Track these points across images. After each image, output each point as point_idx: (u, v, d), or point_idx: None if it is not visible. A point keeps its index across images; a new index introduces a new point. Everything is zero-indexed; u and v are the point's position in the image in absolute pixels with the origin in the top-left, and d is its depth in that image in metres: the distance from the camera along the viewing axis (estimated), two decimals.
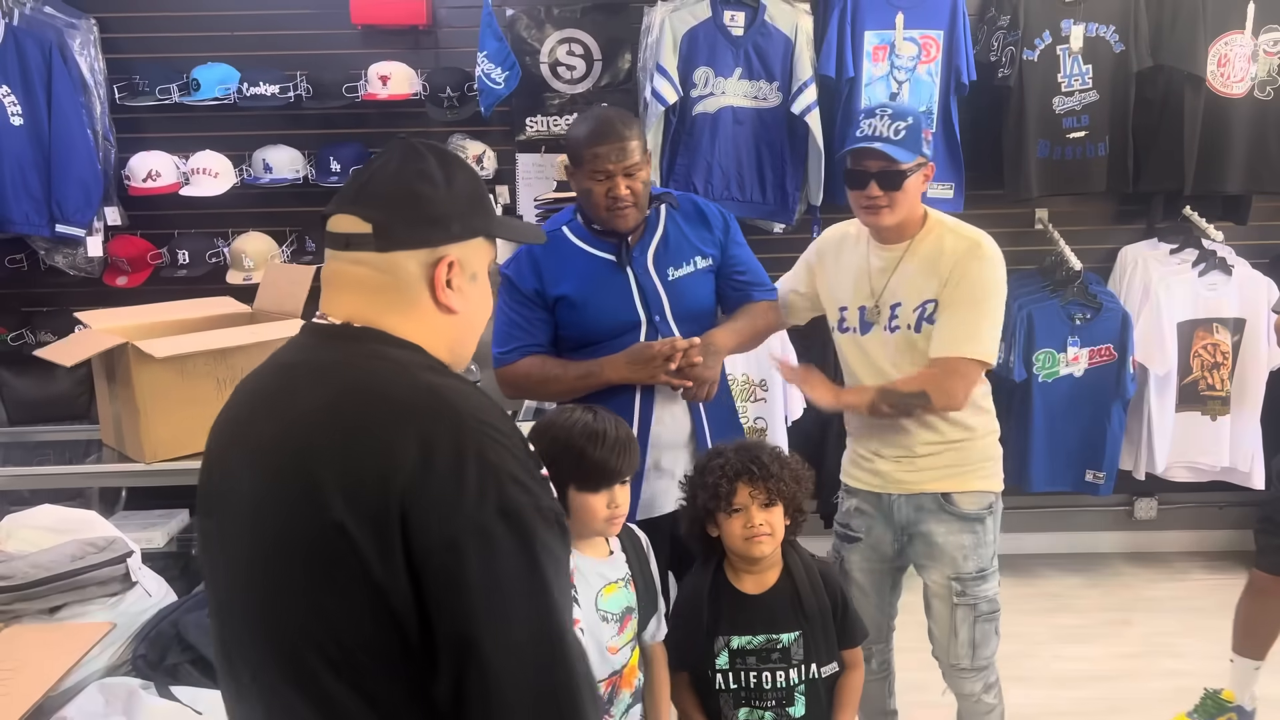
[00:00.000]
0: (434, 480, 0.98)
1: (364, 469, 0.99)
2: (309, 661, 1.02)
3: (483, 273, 1.18)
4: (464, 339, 1.18)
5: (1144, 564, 4.06)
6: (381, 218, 1.10)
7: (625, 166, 2.06)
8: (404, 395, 1.04)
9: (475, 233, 1.15)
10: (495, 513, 0.99)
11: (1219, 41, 3.57)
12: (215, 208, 3.69)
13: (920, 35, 3.53)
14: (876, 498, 2.28)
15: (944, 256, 2.14)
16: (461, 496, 0.98)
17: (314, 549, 1.00)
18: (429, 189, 1.12)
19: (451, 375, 1.11)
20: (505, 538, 0.99)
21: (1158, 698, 3.04)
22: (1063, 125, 3.60)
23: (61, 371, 3.05)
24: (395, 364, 1.08)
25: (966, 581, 2.23)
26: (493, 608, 0.98)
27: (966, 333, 2.11)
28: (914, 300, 2.16)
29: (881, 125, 2.09)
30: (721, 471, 1.88)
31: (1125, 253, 3.85)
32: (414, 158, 1.14)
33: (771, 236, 3.76)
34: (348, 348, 1.10)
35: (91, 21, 3.63)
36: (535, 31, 3.72)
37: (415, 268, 1.11)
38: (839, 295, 2.29)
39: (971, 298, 2.11)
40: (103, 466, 2.63)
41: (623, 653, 1.78)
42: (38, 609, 1.71)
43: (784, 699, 1.89)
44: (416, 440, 0.99)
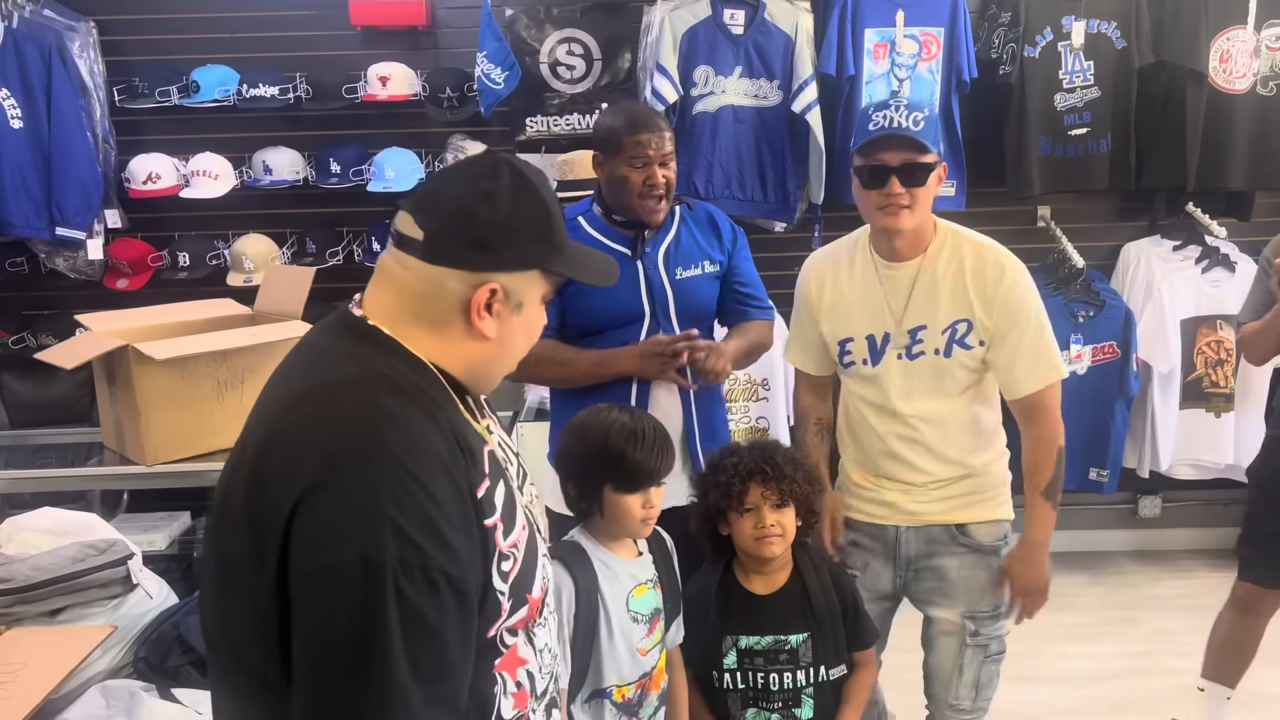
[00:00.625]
0: (319, 506, 0.95)
1: (271, 472, 0.99)
2: (222, 655, 1.04)
3: (532, 304, 1.14)
4: (491, 365, 1.14)
5: (1148, 562, 4.05)
6: (434, 229, 1.08)
7: (663, 155, 2.11)
8: (341, 411, 1.01)
9: (529, 265, 1.11)
10: (356, 559, 0.93)
11: (1221, 37, 3.56)
12: (215, 210, 3.68)
13: (921, 33, 3.53)
14: (880, 529, 2.13)
15: (972, 271, 1.98)
16: (334, 531, 0.94)
17: (224, 539, 1.02)
18: (487, 211, 1.07)
19: (422, 406, 1.04)
20: (354, 588, 0.93)
21: (1163, 696, 3.04)
22: (1064, 122, 3.59)
23: (62, 374, 3.05)
24: (363, 377, 1.04)
25: (981, 620, 2.10)
26: (314, 657, 0.94)
27: (1046, 359, 2.00)
28: (941, 321, 2.00)
29: (899, 117, 1.91)
30: (734, 470, 1.86)
31: (1128, 250, 3.84)
32: (487, 175, 1.09)
33: (773, 235, 3.76)
34: (347, 344, 1.09)
35: (91, 24, 3.63)
36: (535, 31, 3.71)
37: (456, 286, 1.08)
38: (843, 327, 2.10)
39: (1034, 319, 1.98)
40: (104, 469, 2.62)
41: (652, 654, 1.78)
42: (38, 612, 1.71)
43: (791, 700, 1.88)
44: (324, 460, 0.97)
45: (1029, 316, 1.98)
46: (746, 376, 3.62)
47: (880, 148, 1.92)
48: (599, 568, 1.74)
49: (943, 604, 2.11)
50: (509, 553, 1.09)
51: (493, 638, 1.09)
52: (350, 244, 3.74)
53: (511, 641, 1.12)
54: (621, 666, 1.73)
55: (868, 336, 2.06)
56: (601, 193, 2.23)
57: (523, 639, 1.14)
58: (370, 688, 0.93)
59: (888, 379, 2.05)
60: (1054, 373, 2.01)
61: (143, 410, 2.40)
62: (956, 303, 1.99)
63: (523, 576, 1.11)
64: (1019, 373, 2.00)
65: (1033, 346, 1.98)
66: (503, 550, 1.08)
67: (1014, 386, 2.02)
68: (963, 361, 2.01)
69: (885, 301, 2.04)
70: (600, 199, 2.24)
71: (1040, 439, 2.03)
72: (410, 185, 3.60)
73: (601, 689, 1.73)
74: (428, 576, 0.96)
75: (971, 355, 2.01)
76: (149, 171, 3.61)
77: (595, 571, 1.72)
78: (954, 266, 2.00)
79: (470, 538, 1.02)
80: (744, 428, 3.63)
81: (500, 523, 1.07)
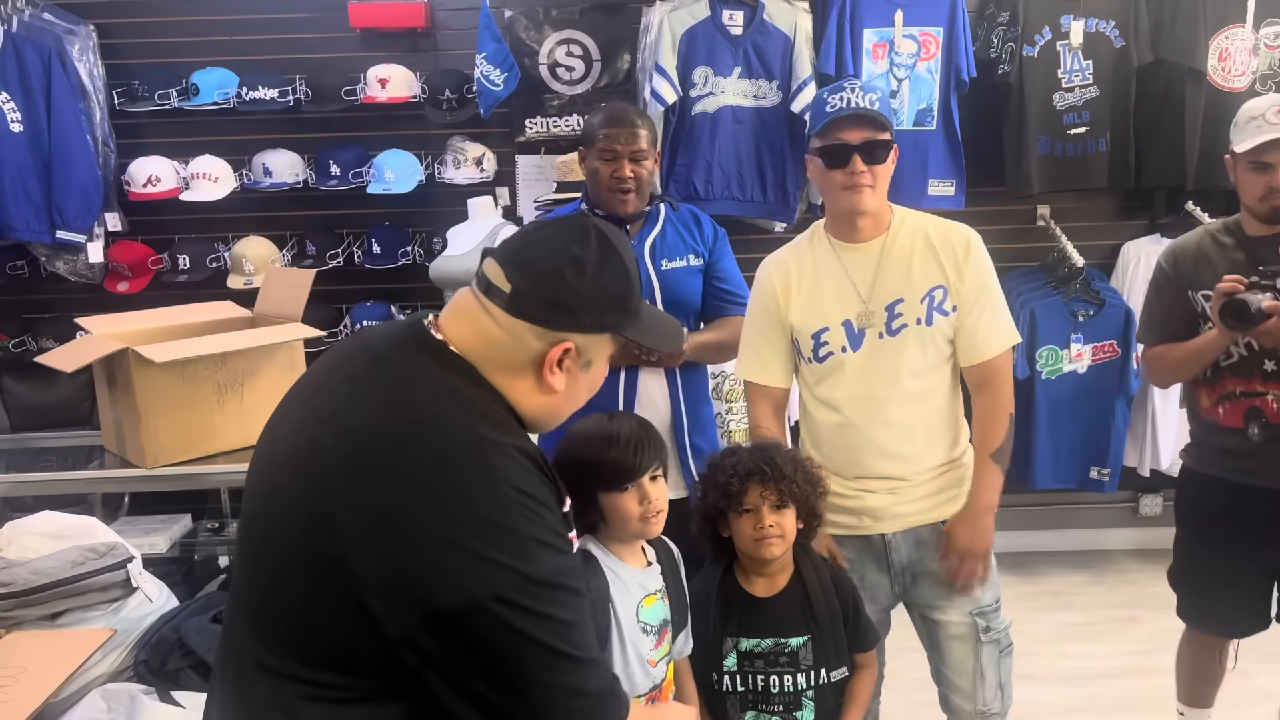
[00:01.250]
0: (460, 535, 1.02)
1: (360, 489, 1.04)
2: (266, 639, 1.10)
3: (600, 361, 1.21)
4: (552, 415, 1.21)
5: (1150, 560, 4.04)
6: (523, 286, 1.13)
7: (632, 151, 2.19)
8: (451, 442, 1.07)
9: (604, 329, 1.18)
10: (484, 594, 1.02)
11: (1219, 35, 3.55)
12: (215, 212, 3.69)
13: (920, 32, 3.53)
14: (866, 542, 2.08)
15: (940, 241, 2.02)
16: (480, 562, 1.02)
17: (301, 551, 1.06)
18: (574, 277, 1.13)
19: (513, 435, 1.11)
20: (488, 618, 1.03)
21: (1165, 695, 3.02)
22: (1063, 121, 3.59)
23: (63, 378, 3.05)
24: (462, 406, 1.10)
25: (989, 614, 2.08)
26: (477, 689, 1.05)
27: (1006, 323, 2.05)
28: (918, 291, 2.00)
29: (855, 97, 1.93)
30: (733, 470, 1.85)
31: (1128, 249, 3.84)
32: (578, 241, 1.15)
33: (773, 235, 3.76)
34: (434, 370, 1.13)
35: (90, 27, 3.63)
36: (534, 33, 3.71)
37: (535, 342, 1.14)
38: (815, 318, 2.05)
39: (995, 285, 2.04)
40: (104, 472, 2.62)
41: (660, 666, 1.76)
42: (38, 615, 1.71)
43: (792, 704, 1.87)
44: (447, 490, 1.03)
45: (992, 282, 2.04)
46: None
47: (839, 128, 1.93)
48: (609, 576, 1.73)
49: (948, 607, 2.08)
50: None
51: None
52: (350, 246, 3.74)
53: None
54: (632, 677, 1.71)
55: (844, 322, 2.02)
56: (587, 192, 2.33)
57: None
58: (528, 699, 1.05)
59: (870, 363, 2.01)
60: (1012, 336, 2.06)
61: (143, 413, 2.41)
62: (929, 270, 2.00)
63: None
64: (982, 336, 2.02)
65: (995, 311, 2.03)
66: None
67: (976, 351, 2.03)
68: (942, 329, 2.01)
69: (851, 283, 2.03)
70: (586, 196, 2.34)
71: (994, 404, 2.05)
72: (410, 187, 3.60)
73: None
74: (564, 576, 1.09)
75: (949, 322, 2.01)
76: (149, 174, 3.61)
77: (606, 579, 1.72)
78: (919, 238, 2.03)
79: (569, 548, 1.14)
80: (744, 428, 3.63)
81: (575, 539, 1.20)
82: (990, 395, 2.06)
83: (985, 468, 2.05)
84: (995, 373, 2.05)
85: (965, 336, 2.02)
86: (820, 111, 1.97)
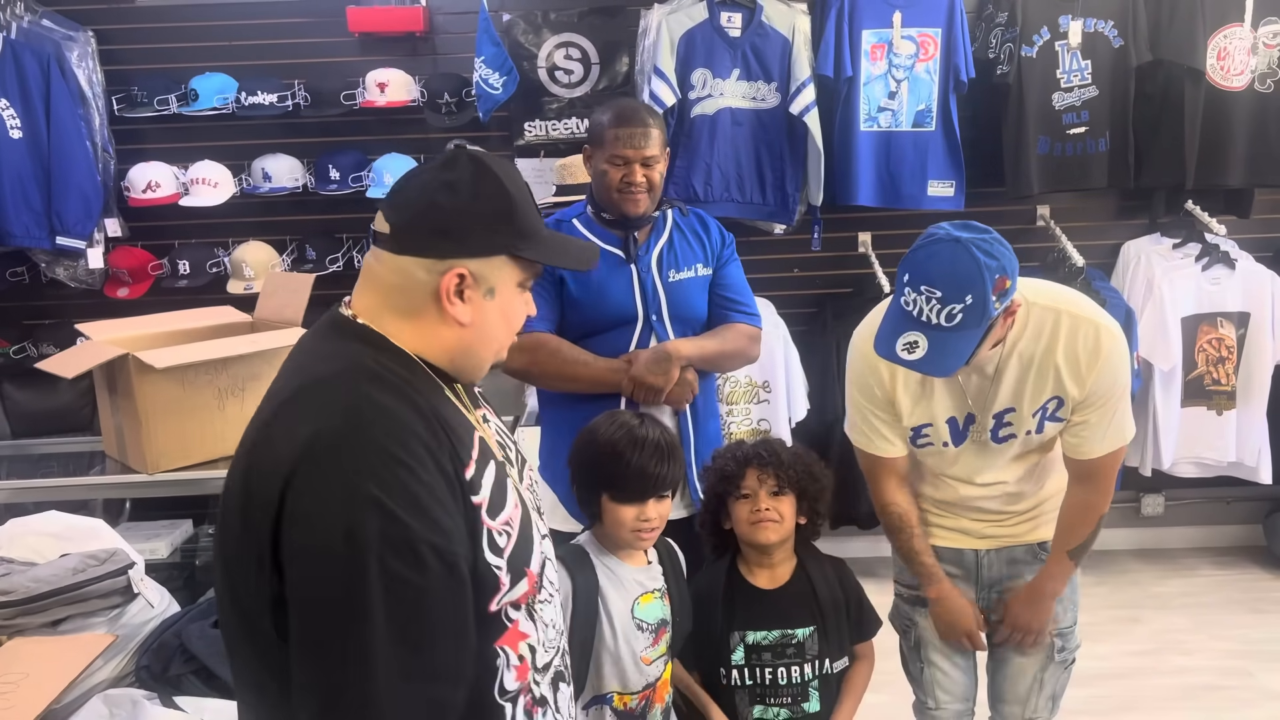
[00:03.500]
0: (304, 490, 1.01)
1: (260, 466, 1.05)
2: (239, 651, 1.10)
3: (506, 290, 1.17)
4: (470, 351, 1.18)
5: (1152, 560, 4.04)
6: (400, 221, 1.13)
7: (644, 155, 2.10)
8: (323, 402, 1.07)
9: (494, 250, 1.14)
10: (341, 536, 0.99)
11: (1218, 34, 3.55)
12: (215, 218, 3.69)
13: (918, 33, 3.53)
14: (958, 554, 2.06)
15: (1065, 349, 1.80)
16: (319, 511, 1.00)
17: (225, 539, 1.09)
18: (448, 200, 1.13)
19: (403, 394, 1.09)
20: (340, 563, 0.99)
21: (1168, 695, 3.03)
22: (1063, 121, 3.59)
23: (63, 384, 3.05)
24: (348, 370, 1.10)
25: (1066, 635, 2.06)
26: (305, 629, 1.01)
27: (1121, 425, 1.88)
28: (1031, 404, 1.85)
29: (929, 310, 1.63)
30: (732, 456, 1.90)
31: (1128, 248, 3.84)
32: (449, 167, 1.14)
33: (772, 238, 3.76)
34: (334, 342, 1.15)
35: (89, 33, 3.64)
36: (532, 36, 3.72)
37: (424, 275, 1.12)
38: (919, 414, 1.92)
39: (1118, 391, 1.84)
40: (105, 478, 2.62)
41: (656, 665, 1.77)
42: (40, 623, 1.71)
43: (799, 695, 1.89)
44: (307, 447, 1.02)
45: (1117, 390, 1.84)
46: (748, 379, 3.62)
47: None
48: (604, 572, 1.73)
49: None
50: (502, 530, 1.13)
51: (496, 613, 1.13)
52: (350, 250, 3.74)
53: (515, 616, 1.17)
54: (624, 673, 1.72)
55: (948, 420, 1.91)
56: (591, 192, 2.24)
57: (524, 614, 1.18)
58: (354, 658, 0.99)
59: (969, 458, 1.95)
60: (1125, 437, 1.90)
61: (144, 419, 2.41)
62: (1045, 383, 1.83)
63: (519, 552, 1.16)
64: (1091, 438, 1.87)
65: (1111, 417, 1.86)
66: (492, 527, 1.12)
67: (1082, 449, 1.89)
68: (1054, 430, 1.91)
69: (964, 394, 1.88)
70: (590, 198, 2.25)
71: (1088, 501, 1.93)
72: None
73: (602, 694, 1.73)
74: (413, 549, 1.01)
75: (1061, 425, 1.90)
76: (148, 180, 3.61)
77: (597, 575, 1.72)
78: (1043, 344, 1.81)
79: (457, 513, 1.07)
80: (745, 430, 3.63)
81: (488, 501, 1.12)
82: (1086, 491, 1.93)
83: (1060, 559, 1.97)
84: (1097, 471, 1.91)
85: (1072, 434, 1.89)
86: (891, 317, 1.71)
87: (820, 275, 3.93)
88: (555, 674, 1.26)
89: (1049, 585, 1.99)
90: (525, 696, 1.19)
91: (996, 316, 1.67)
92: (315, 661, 1.01)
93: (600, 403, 2.08)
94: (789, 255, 3.86)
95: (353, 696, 1.00)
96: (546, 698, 1.23)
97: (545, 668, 1.22)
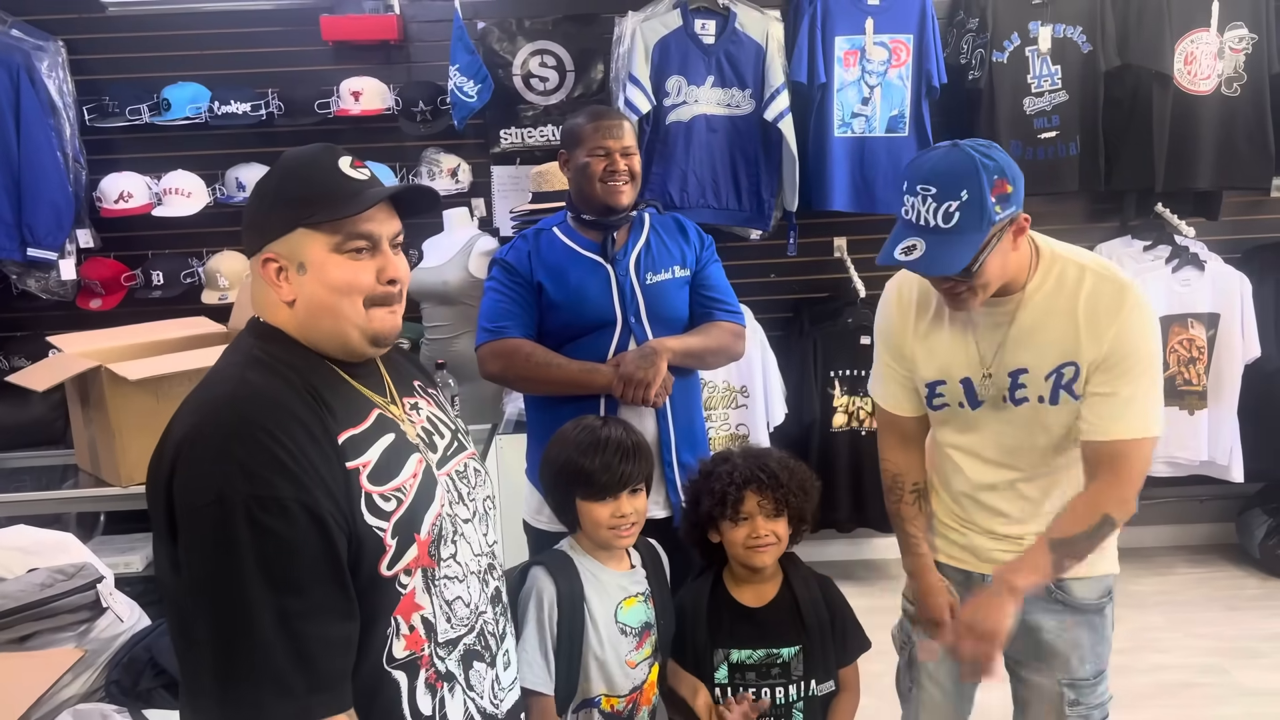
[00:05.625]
0: (183, 465, 1.13)
1: (156, 455, 1.18)
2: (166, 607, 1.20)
3: (316, 261, 1.24)
4: (310, 325, 1.26)
5: (1127, 560, 3.99)
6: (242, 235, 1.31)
7: (623, 145, 2.17)
8: (209, 386, 1.23)
9: (287, 227, 1.24)
10: (213, 498, 1.10)
11: (1185, 39, 3.60)
12: (189, 228, 3.67)
13: (890, 40, 3.56)
14: (965, 575, 1.91)
15: (1085, 306, 1.69)
16: (195, 480, 1.12)
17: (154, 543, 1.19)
18: (252, 201, 1.29)
19: (280, 374, 1.21)
20: (213, 521, 1.10)
21: (1143, 693, 3.05)
22: (1034, 126, 3.63)
23: (35, 397, 3.01)
24: (235, 359, 1.25)
25: (1081, 688, 1.85)
26: (189, 584, 1.12)
27: (1146, 408, 1.68)
28: (1046, 364, 1.72)
29: (925, 210, 1.59)
30: (729, 479, 1.83)
31: (1099, 251, 3.87)
32: (259, 180, 1.30)
33: (748, 243, 3.78)
34: (236, 340, 1.30)
35: (59, 43, 3.61)
36: (507, 44, 3.72)
37: (256, 270, 1.27)
38: (937, 368, 1.83)
39: (1143, 363, 1.67)
40: (78, 491, 2.60)
41: (641, 668, 1.77)
42: (6, 639, 1.69)
43: (783, 716, 1.85)
44: (188, 429, 1.15)
45: (1142, 360, 1.68)
46: (725, 384, 3.63)
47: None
48: (586, 577, 1.73)
49: (1038, 667, 1.89)
50: (389, 495, 1.23)
51: (390, 578, 1.21)
52: None
53: (409, 585, 1.23)
54: (611, 677, 1.72)
55: (962, 380, 1.80)
56: (570, 197, 2.25)
57: (420, 585, 1.25)
58: (237, 603, 1.10)
59: (984, 424, 1.81)
60: (1151, 426, 1.68)
61: (117, 431, 2.39)
62: (1062, 341, 1.71)
63: (408, 518, 1.24)
64: (1109, 413, 1.68)
65: (1138, 387, 1.67)
66: (372, 492, 1.21)
67: (1100, 427, 1.69)
68: (1073, 409, 1.73)
69: (974, 342, 1.78)
70: (570, 203, 2.26)
71: (1096, 494, 1.70)
72: None
73: (590, 698, 1.73)
74: (280, 504, 1.11)
75: (1077, 406, 1.74)
76: (120, 190, 3.59)
77: (581, 580, 1.72)
78: (1063, 299, 1.71)
79: (329, 476, 1.17)
80: (724, 435, 3.64)
81: (367, 466, 1.22)
82: (1097, 485, 1.71)
83: (1040, 550, 1.70)
84: (1113, 458, 1.68)
85: (1089, 408, 1.71)
86: (895, 209, 1.68)
87: (796, 280, 3.96)
88: (467, 651, 1.31)
89: (1017, 579, 1.68)
90: (427, 670, 1.25)
91: (1001, 225, 1.59)
92: (201, 613, 1.11)
93: (580, 405, 2.09)
94: (765, 260, 3.88)
95: (241, 640, 1.09)
96: (454, 674, 1.29)
97: (450, 644, 1.29)
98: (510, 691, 1.42)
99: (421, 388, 1.44)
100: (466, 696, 1.31)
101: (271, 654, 1.10)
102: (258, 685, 1.10)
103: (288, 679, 1.10)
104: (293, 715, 1.11)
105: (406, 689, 1.23)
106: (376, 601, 1.20)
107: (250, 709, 1.10)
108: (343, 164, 1.27)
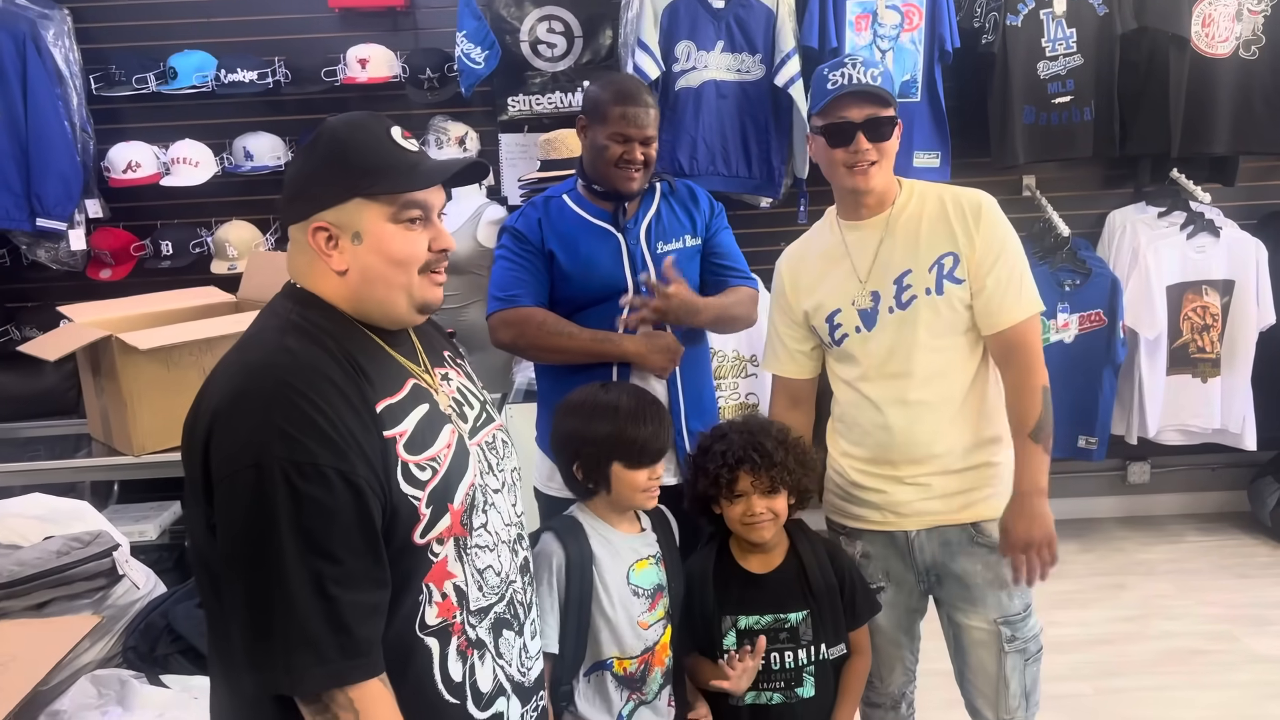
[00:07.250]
0: (221, 429, 1.13)
1: (193, 417, 1.18)
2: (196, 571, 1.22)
3: (375, 229, 1.23)
4: (362, 294, 1.26)
5: (1138, 528, 4.08)
6: (282, 198, 1.30)
7: (645, 135, 2.12)
8: (247, 349, 1.22)
9: (344, 196, 1.22)
10: (251, 463, 1.10)
11: (1203, 1, 3.54)
12: (197, 197, 3.66)
13: (903, 3, 3.50)
14: (889, 538, 2.00)
15: (951, 207, 1.94)
16: (234, 444, 1.12)
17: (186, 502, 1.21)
18: (294, 168, 1.28)
19: (319, 341, 1.20)
20: (251, 487, 1.10)
21: (1153, 660, 3.06)
22: (1048, 90, 3.58)
23: (48, 367, 3.03)
24: (274, 324, 1.24)
25: (1015, 624, 1.98)
26: (229, 551, 1.12)
27: (1029, 290, 1.93)
28: (925, 260, 1.92)
29: (856, 73, 1.88)
30: (723, 459, 1.83)
31: (1113, 217, 3.84)
32: (306, 144, 1.28)
33: (759, 211, 3.75)
34: (273, 304, 1.29)
35: (65, 12, 3.59)
36: (514, 10, 3.68)
37: (301, 237, 1.25)
38: (828, 300, 2.00)
39: (1015, 249, 1.93)
40: (92, 460, 2.62)
41: (654, 629, 1.79)
42: (24, 606, 1.71)
43: (793, 680, 1.87)
44: (226, 394, 1.15)
45: (1010, 247, 1.93)
46: (735, 353, 3.62)
47: (842, 105, 1.88)
48: (598, 541, 1.75)
49: (971, 611, 1.99)
50: (425, 464, 1.23)
51: (423, 546, 1.22)
52: None
53: (441, 553, 1.24)
54: (622, 639, 1.74)
55: (853, 300, 1.97)
56: (582, 164, 2.23)
57: (452, 553, 1.26)
58: (273, 567, 1.10)
59: (885, 339, 1.94)
60: (1034, 305, 1.94)
61: (129, 400, 2.40)
62: (938, 238, 1.92)
63: (443, 487, 1.24)
64: (998, 302, 1.91)
65: (1016, 275, 1.92)
66: (409, 460, 1.21)
67: (992, 318, 1.92)
68: (957, 296, 1.92)
69: (850, 261, 1.98)
70: (581, 171, 2.24)
71: (1022, 378, 1.93)
72: None
73: (602, 660, 1.74)
74: (319, 471, 1.11)
75: (963, 290, 1.92)
76: (128, 160, 3.58)
77: (590, 544, 1.74)
78: (929, 206, 1.95)
79: (367, 444, 1.17)
80: (733, 404, 3.64)
81: (404, 435, 1.22)
82: (1016, 369, 1.93)
83: (1025, 449, 1.91)
84: (1019, 343, 1.92)
85: (981, 303, 1.92)
86: (821, 89, 1.92)
87: None
88: (497, 620, 1.32)
89: (1029, 482, 1.91)
90: (459, 638, 1.26)
91: (895, 117, 1.91)
92: (236, 577, 1.12)
93: (592, 373, 2.09)
94: (775, 229, 3.85)
95: (276, 604, 1.10)
96: (485, 642, 1.30)
97: (481, 611, 1.30)
98: (536, 660, 1.43)
99: (451, 358, 1.44)
100: (496, 664, 1.31)
101: (307, 618, 1.10)
102: (291, 650, 1.10)
103: (322, 644, 1.11)
104: (327, 679, 1.11)
105: (439, 656, 1.24)
106: (409, 568, 1.21)
107: (283, 673, 1.10)
108: (395, 134, 1.27)
